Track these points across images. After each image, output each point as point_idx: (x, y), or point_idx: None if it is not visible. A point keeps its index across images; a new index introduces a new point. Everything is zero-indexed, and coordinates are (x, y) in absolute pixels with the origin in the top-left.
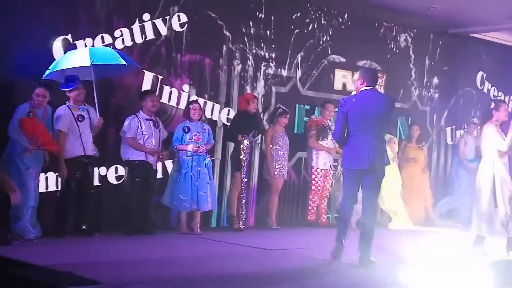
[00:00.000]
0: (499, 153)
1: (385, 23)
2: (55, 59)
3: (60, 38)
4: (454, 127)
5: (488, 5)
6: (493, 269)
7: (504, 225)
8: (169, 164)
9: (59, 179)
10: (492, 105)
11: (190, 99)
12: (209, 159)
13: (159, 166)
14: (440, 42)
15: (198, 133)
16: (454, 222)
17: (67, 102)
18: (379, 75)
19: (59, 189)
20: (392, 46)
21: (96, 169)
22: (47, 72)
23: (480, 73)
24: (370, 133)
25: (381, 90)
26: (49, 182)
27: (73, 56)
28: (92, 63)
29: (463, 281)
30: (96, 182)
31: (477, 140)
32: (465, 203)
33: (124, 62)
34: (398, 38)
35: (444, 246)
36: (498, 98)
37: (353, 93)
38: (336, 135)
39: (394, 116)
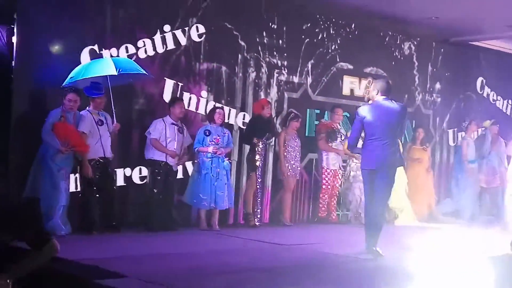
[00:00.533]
0: None
1: (390, 33)
2: None
3: (88, 48)
4: (456, 129)
5: (487, 15)
6: (493, 264)
7: None
8: (189, 165)
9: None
10: None
11: (214, 105)
12: (227, 161)
13: (180, 167)
14: (442, 50)
15: (218, 136)
16: (456, 219)
17: (87, 107)
18: None
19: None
20: (396, 54)
21: (121, 170)
22: (68, 79)
23: (480, 78)
24: (383, 138)
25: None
26: (78, 182)
27: (98, 65)
28: (119, 72)
29: (464, 275)
30: (121, 182)
31: (476, 142)
32: (465, 204)
33: (144, 72)
34: (402, 46)
35: (447, 241)
36: (497, 101)
37: (370, 102)
38: (351, 139)
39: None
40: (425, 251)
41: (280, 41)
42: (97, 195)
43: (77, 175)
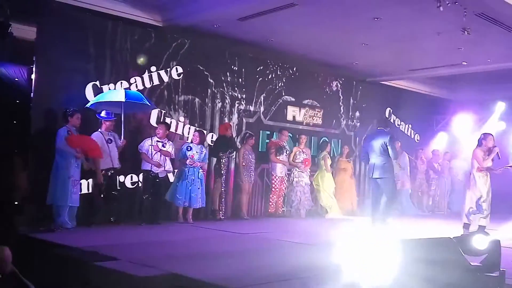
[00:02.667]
0: (479, 168)
1: (322, 74)
2: (87, 98)
3: (91, 83)
4: None
5: (393, 62)
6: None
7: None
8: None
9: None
10: (482, 136)
11: (190, 128)
12: (202, 172)
13: (169, 174)
14: (360, 87)
15: (197, 152)
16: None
17: (99, 129)
18: (317, 110)
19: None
20: (327, 90)
21: (116, 177)
22: (91, 102)
23: (388, 108)
24: (376, 156)
25: (319, 122)
26: (89, 186)
27: (113, 93)
28: (127, 99)
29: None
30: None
31: None
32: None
33: (148, 103)
34: (331, 84)
35: (363, 230)
36: (400, 125)
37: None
38: (361, 156)
39: (382, 143)
40: (349, 238)
41: (240, 79)
42: (102, 196)
43: (89, 180)
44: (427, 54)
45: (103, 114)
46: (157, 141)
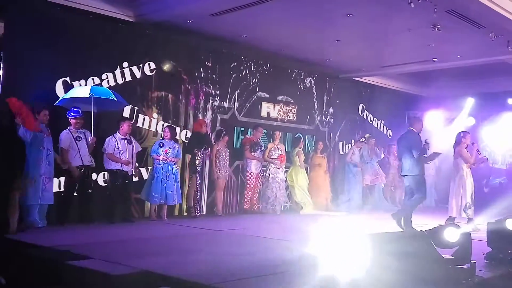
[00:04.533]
0: (468, 165)
1: (296, 70)
2: (57, 95)
3: (61, 79)
4: (344, 142)
5: (365, 59)
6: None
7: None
8: (144, 172)
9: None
10: (462, 135)
11: (164, 125)
12: (176, 168)
13: (138, 172)
14: (334, 83)
15: (169, 148)
16: (345, 209)
17: (68, 127)
18: (291, 106)
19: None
20: (301, 86)
21: (90, 175)
22: (60, 100)
23: (361, 105)
24: (405, 155)
25: (294, 118)
26: (61, 184)
27: (79, 89)
28: (91, 95)
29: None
30: None
31: (361, 151)
32: (354, 197)
33: (114, 98)
34: (305, 81)
35: (338, 226)
36: (373, 121)
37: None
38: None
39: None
40: (323, 233)
41: (214, 76)
42: (75, 195)
43: (60, 179)
44: (398, 51)
45: (71, 111)
46: (121, 138)
